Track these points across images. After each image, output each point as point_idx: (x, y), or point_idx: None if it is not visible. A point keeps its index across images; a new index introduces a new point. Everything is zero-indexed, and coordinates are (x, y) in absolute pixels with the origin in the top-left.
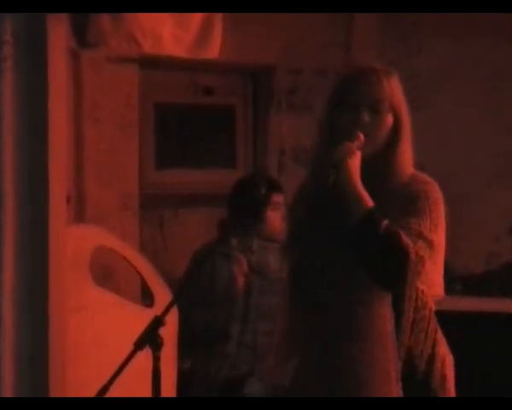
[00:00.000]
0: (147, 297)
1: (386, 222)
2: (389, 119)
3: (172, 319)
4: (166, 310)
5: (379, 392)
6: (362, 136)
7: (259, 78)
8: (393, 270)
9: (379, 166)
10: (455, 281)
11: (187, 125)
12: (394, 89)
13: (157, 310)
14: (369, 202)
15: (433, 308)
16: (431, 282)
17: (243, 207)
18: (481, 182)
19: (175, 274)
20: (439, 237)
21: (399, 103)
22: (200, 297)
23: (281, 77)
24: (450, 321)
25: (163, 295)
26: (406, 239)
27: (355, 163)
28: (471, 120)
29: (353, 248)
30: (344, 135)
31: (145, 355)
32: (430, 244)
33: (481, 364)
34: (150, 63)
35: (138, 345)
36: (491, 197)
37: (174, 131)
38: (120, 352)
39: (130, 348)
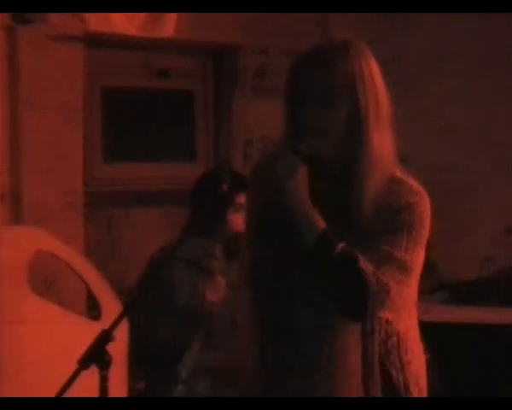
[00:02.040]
0: (93, 309)
1: (341, 245)
2: (348, 110)
3: (122, 333)
4: (115, 323)
5: None
6: (310, 142)
7: (221, 58)
8: (351, 300)
9: (342, 172)
10: (444, 289)
11: (139, 112)
12: (361, 68)
13: (105, 323)
14: (320, 224)
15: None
16: (401, 307)
17: (204, 207)
18: (476, 177)
19: (125, 282)
20: (416, 258)
21: (369, 87)
22: (156, 309)
23: (246, 57)
24: (438, 333)
25: (111, 306)
26: (366, 265)
27: (299, 182)
28: (465, 107)
29: (309, 275)
30: (290, 139)
31: (91, 375)
32: (403, 266)
33: (472, 378)
34: (97, 42)
35: (83, 363)
36: (486, 194)
37: (124, 119)
38: (63, 371)
39: (73, 366)
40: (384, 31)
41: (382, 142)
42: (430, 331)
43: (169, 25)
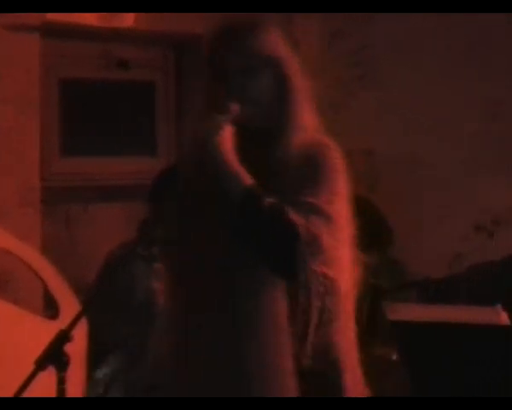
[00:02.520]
0: (50, 307)
1: (269, 200)
2: (270, 80)
3: (81, 333)
4: (73, 323)
5: (271, 388)
6: (235, 106)
7: (184, 49)
8: (282, 253)
9: (267, 135)
10: (412, 287)
11: (98, 104)
12: (274, 44)
13: (62, 323)
14: (247, 180)
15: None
16: (334, 262)
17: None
18: (447, 170)
19: (84, 280)
20: (341, 210)
21: (283, 60)
22: (115, 308)
23: None
24: (406, 332)
25: (69, 305)
26: (295, 217)
27: (224, 139)
28: (434, 99)
29: (238, 233)
30: (215, 107)
31: (48, 376)
32: (328, 218)
33: (443, 379)
34: (54, 32)
35: (40, 364)
36: (455, 189)
37: (83, 111)
38: (19, 372)
39: (30, 367)
40: (349, 20)
41: (304, 109)
42: (398, 331)
43: (129, 14)
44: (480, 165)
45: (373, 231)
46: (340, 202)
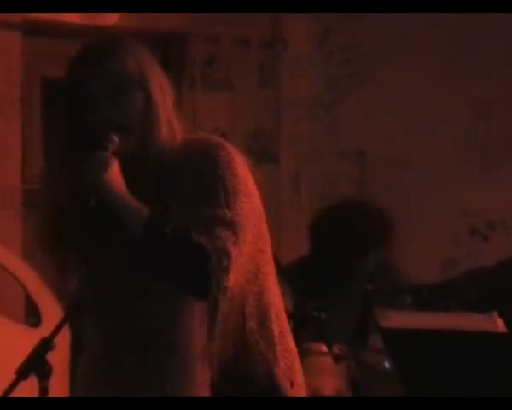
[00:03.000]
0: (32, 315)
1: (169, 228)
2: (138, 95)
3: (63, 341)
4: (56, 331)
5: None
6: (114, 137)
7: (168, 47)
8: (193, 277)
9: (146, 156)
10: (404, 293)
11: None
12: (140, 55)
13: (45, 331)
14: (143, 210)
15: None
16: (253, 269)
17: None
18: (438, 173)
19: (67, 287)
20: (244, 209)
21: (147, 72)
22: None
23: (194, 46)
24: (399, 340)
25: (52, 312)
26: (198, 236)
27: (113, 173)
28: (427, 98)
29: (144, 267)
30: (91, 140)
31: (30, 386)
32: (231, 224)
33: (435, 389)
34: (36, 30)
35: (21, 373)
36: (449, 193)
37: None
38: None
39: (11, 377)
40: (340, 18)
41: (162, 113)
42: (390, 339)
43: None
44: (471, 169)
45: (373, 233)
46: (239, 202)
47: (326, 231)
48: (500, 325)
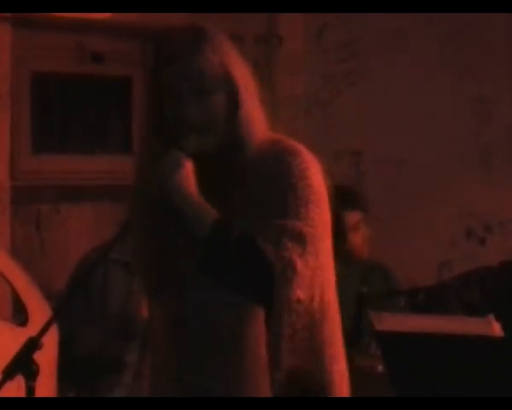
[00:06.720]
0: (19, 314)
1: (236, 234)
2: (223, 96)
3: (51, 341)
4: (44, 330)
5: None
6: (194, 138)
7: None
8: (256, 285)
9: (223, 157)
10: (399, 295)
11: (71, 99)
12: (225, 53)
13: (32, 330)
14: (211, 214)
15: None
16: (310, 281)
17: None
18: (434, 174)
19: (55, 285)
20: (315, 220)
21: (233, 72)
22: (88, 315)
23: None
24: (393, 343)
25: (40, 311)
26: (263, 245)
27: (184, 175)
28: (426, 97)
29: (208, 272)
30: (169, 138)
31: (17, 386)
32: (300, 235)
33: (429, 393)
34: (26, 23)
35: (8, 373)
36: (445, 194)
37: (55, 106)
38: None
39: None
40: (336, 14)
41: (252, 113)
42: (384, 342)
43: None
44: (468, 169)
45: None
46: (311, 213)
47: None
48: (496, 328)
